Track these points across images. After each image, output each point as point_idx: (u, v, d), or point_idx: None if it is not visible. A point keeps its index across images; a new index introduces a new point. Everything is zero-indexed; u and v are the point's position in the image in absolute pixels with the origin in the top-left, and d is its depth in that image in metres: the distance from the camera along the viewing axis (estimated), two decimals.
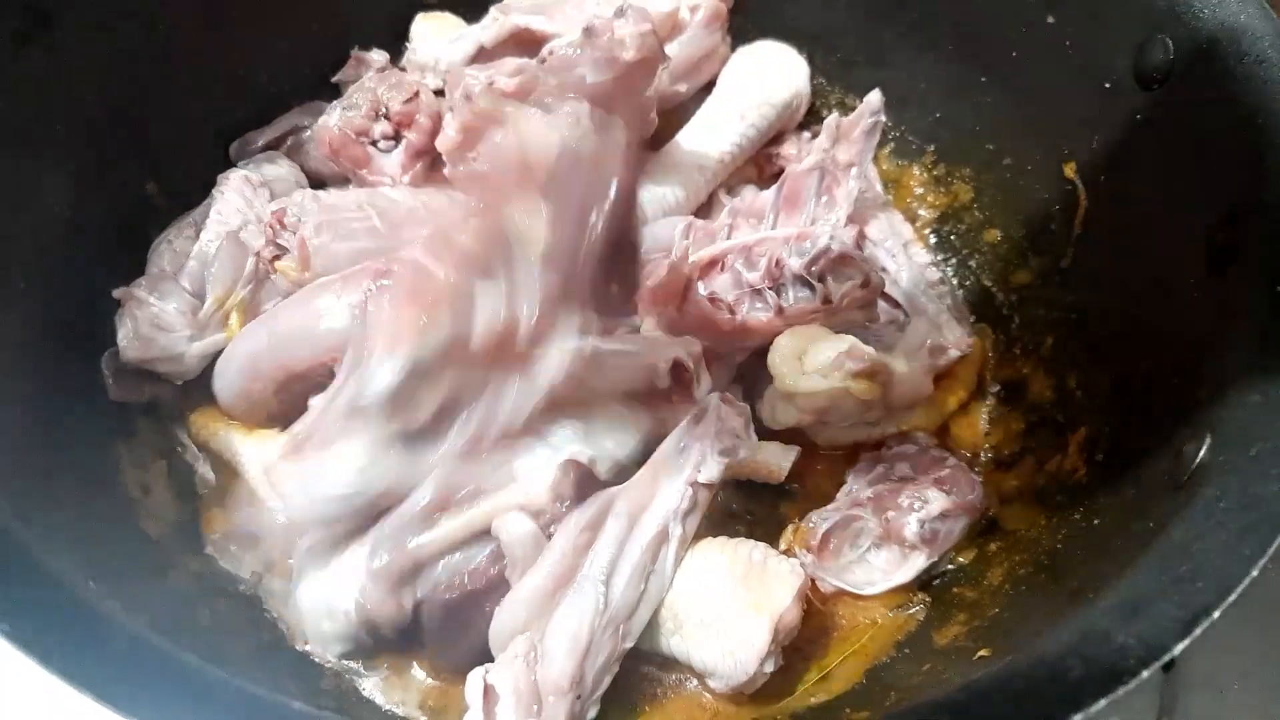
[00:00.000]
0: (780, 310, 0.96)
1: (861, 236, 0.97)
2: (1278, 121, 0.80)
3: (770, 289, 0.97)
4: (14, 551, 0.61)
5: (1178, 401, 0.81)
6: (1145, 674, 0.54)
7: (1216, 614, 0.56)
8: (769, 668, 0.84)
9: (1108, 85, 0.96)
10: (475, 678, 0.79)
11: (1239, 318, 0.75)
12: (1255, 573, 0.58)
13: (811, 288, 0.96)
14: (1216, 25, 0.85)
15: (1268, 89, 0.81)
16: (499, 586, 0.85)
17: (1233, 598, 0.57)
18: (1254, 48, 0.83)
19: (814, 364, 0.95)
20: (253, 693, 0.54)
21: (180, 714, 0.52)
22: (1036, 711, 0.52)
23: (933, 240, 1.20)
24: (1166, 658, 0.55)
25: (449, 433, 0.86)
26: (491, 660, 0.84)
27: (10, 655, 0.53)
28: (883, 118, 1.11)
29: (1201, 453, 0.69)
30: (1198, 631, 0.56)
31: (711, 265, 1.00)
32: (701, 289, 0.98)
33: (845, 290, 0.96)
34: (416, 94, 1.07)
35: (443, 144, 1.03)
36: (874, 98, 1.09)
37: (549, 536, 0.86)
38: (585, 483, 0.88)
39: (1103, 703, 0.53)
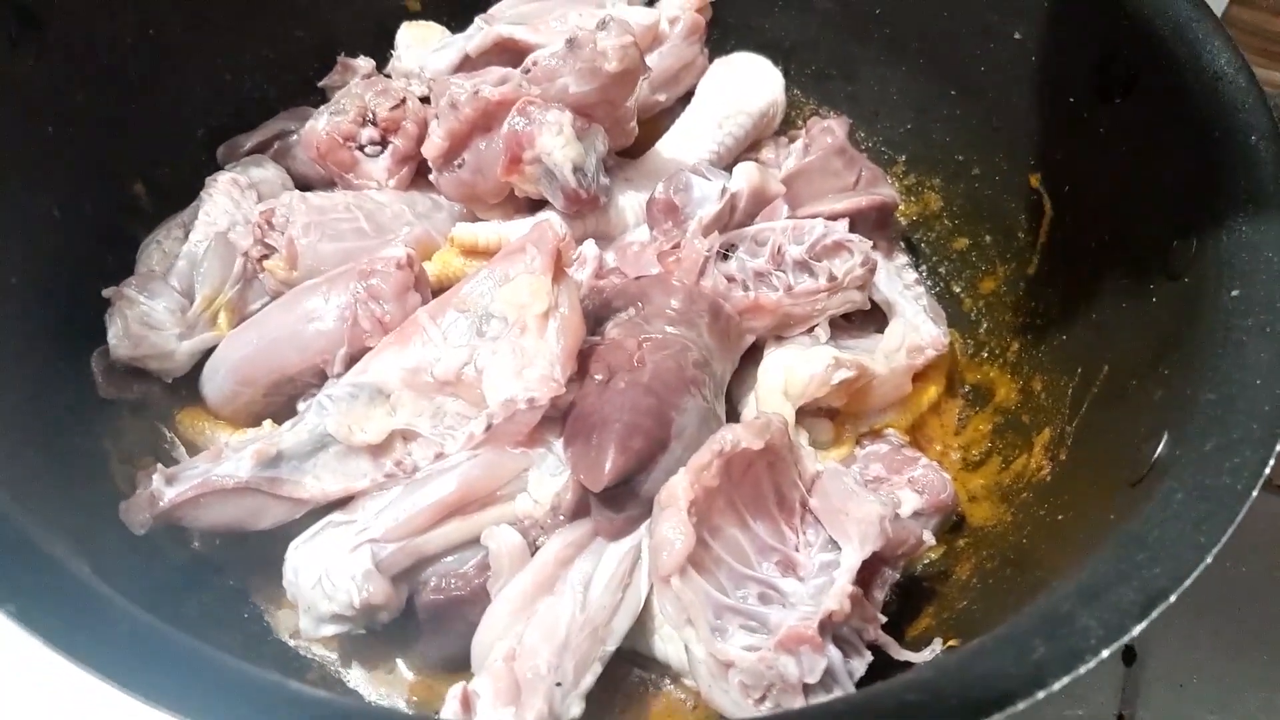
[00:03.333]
0: (789, 289, 0.99)
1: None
2: (1233, 135, 0.84)
3: (774, 273, 1.00)
4: (15, 536, 0.63)
5: (1136, 402, 0.84)
6: (1105, 653, 0.57)
7: (1173, 598, 0.60)
8: None
9: (1071, 99, 1.01)
10: (455, 689, 0.80)
11: (1195, 320, 0.78)
12: (1209, 560, 0.61)
13: (811, 272, 1.00)
14: (1175, 41, 0.89)
15: (1224, 105, 0.85)
16: (481, 597, 0.87)
17: (1188, 583, 0.60)
18: (1211, 62, 0.87)
19: (798, 389, 0.98)
20: (251, 671, 0.56)
21: (181, 692, 0.54)
22: (1001, 688, 0.55)
23: (904, 247, 1.23)
24: (1126, 638, 0.58)
25: None
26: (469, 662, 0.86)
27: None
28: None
29: (1159, 449, 0.73)
30: (1155, 614, 0.59)
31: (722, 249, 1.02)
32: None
33: (848, 269, 0.99)
34: (403, 100, 1.10)
35: (429, 150, 1.06)
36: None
37: (536, 548, 0.88)
38: (585, 503, 0.90)
39: (1065, 680, 0.56)
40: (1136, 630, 0.58)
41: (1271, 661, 1.12)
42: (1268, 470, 0.65)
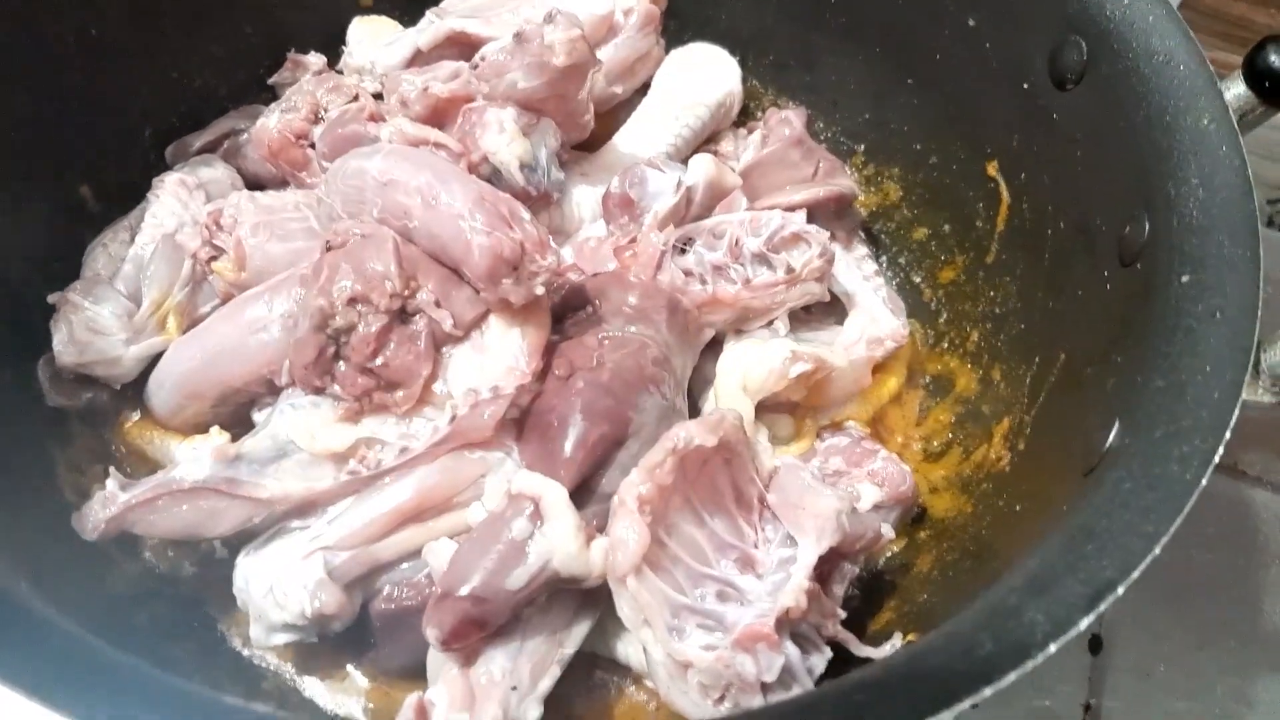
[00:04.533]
0: (747, 282, 0.99)
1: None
2: (1185, 120, 0.83)
3: (733, 266, 0.99)
4: None
5: (1091, 390, 0.84)
6: (1052, 648, 0.56)
7: (1120, 589, 0.59)
8: None
9: (1026, 85, 1.00)
10: (411, 699, 0.79)
11: (1146, 306, 0.78)
12: (1158, 550, 0.61)
13: (769, 265, 0.99)
14: (1127, 26, 0.89)
15: (1175, 88, 0.85)
16: None
17: (1136, 574, 0.60)
18: (1162, 46, 0.87)
19: (756, 383, 0.97)
20: (188, 689, 0.54)
21: (115, 710, 0.53)
22: (949, 686, 0.54)
23: (863, 238, 1.22)
24: (1073, 632, 0.57)
25: None
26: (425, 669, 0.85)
27: None
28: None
29: (1110, 438, 0.72)
30: (1102, 607, 0.58)
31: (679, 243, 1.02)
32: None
33: (806, 261, 0.99)
34: (356, 97, 1.08)
35: None
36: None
37: None
38: None
39: (1012, 676, 0.55)
40: (1084, 624, 0.58)
41: (1239, 649, 1.13)
42: (1217, 458, 0.65)
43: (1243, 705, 1.08)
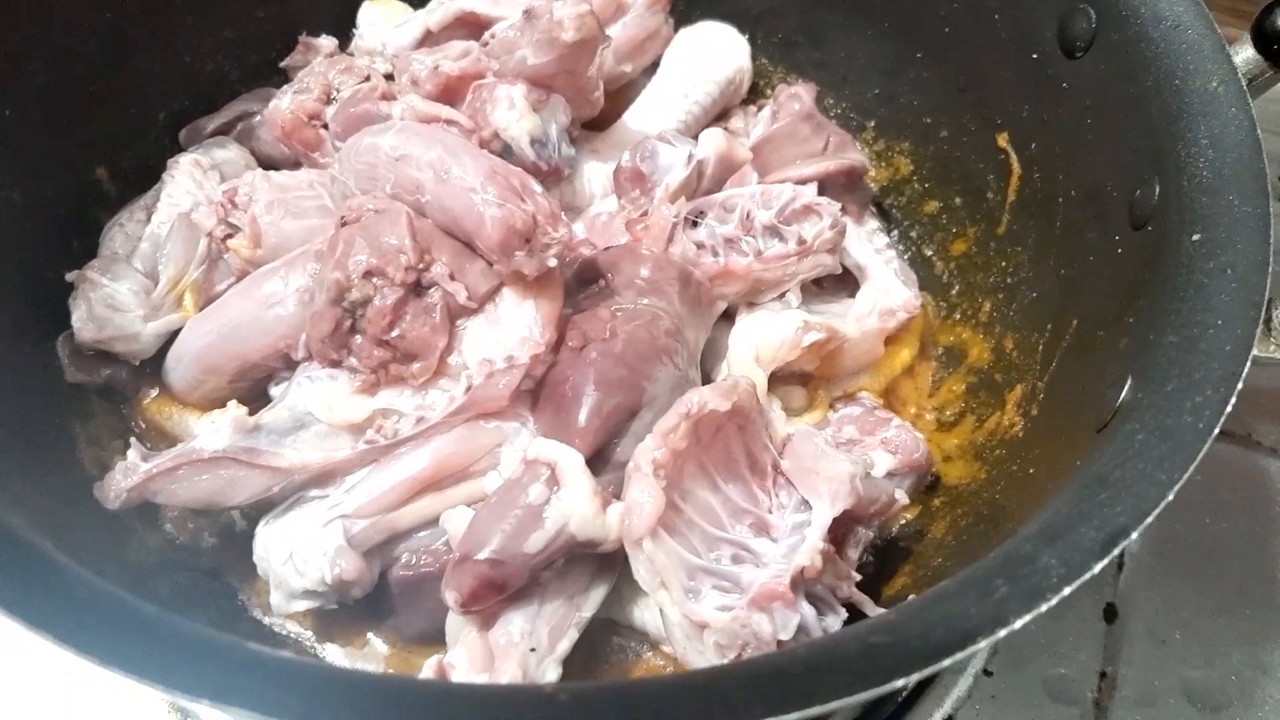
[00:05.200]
0: (759, 254, 1.00)
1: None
2: (1194, 83, 0.84)
3: (744, 238, 1.00)
4: None
5: (1103, 352, 0.84)
6: (1066, 591, 0.57)
7: (1134, 534, 0.59)
8: None
9: (1035, 55, 1.00)
10: (431, 661, 0.81)
11: (1158, 267, 0.78)
12: (1171, 496, 0.61)
13: (781, 237, 1.00)
14: None
15: (1184, 53, 0.85)
16: None
17: (1149, 519, 0.60)
18: (1170, 11, 0.87)
19: (769, 353, 0.98)
20: (218, 637, 0.55)
21: (149, 660, 0.53)
22: (963, 628, 0.55)
23: (874, 212, 1.22)
24: (1087, 575, 0.57)
25: None
26: (444, 635, 0.86)
27: None
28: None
29: (1123, 394, 0.73)
30: (1116, 551, 0.58)
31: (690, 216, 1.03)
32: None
33: (817, 232, 0.99)
34: (368, 78, 1.09)
35: None
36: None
37: None
38: None
39: (1026, 617, 0.56)
40: (1097, 567, 0.58)
41: (1253, 618, 1.13)
42: (1229, 408, 0.65)
43: (1257, 672, 1.08)
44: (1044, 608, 0.56)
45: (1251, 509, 1.20)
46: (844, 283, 1.12)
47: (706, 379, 1.01)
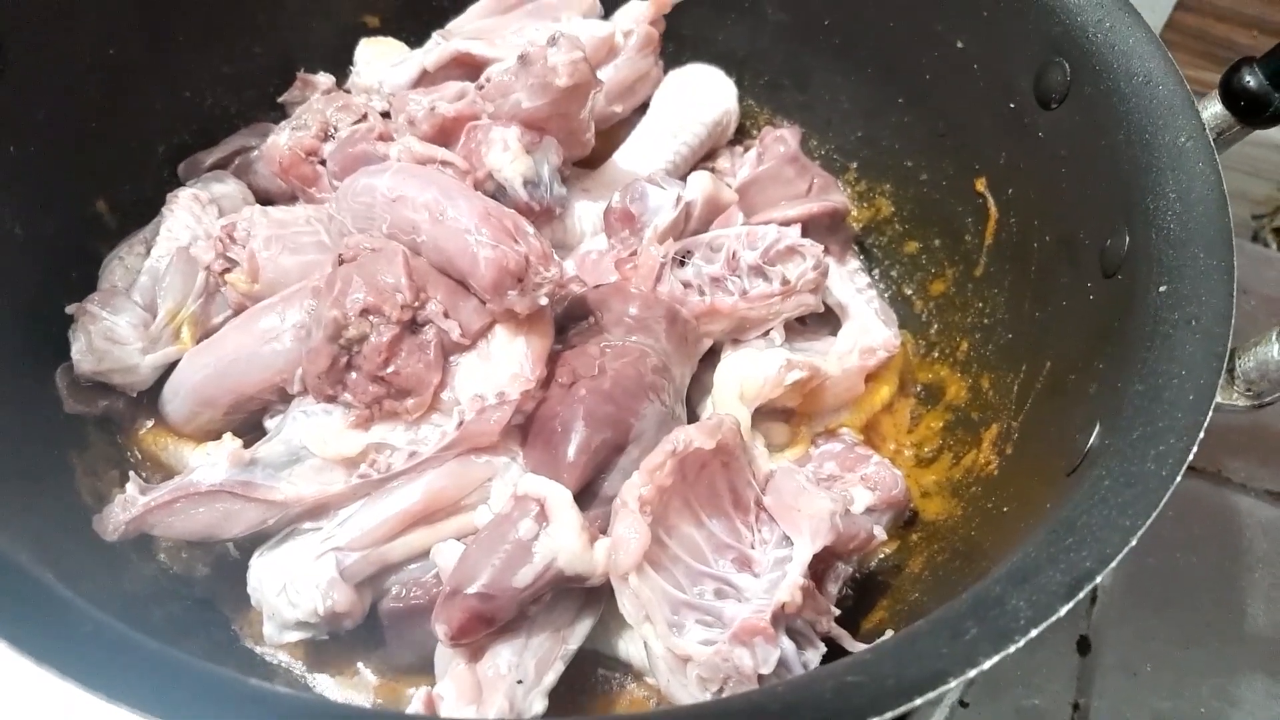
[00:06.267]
0: (744, 293, 1.02)
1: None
2: (1163, 137, 0.87)
3: (730, 278, 1.03)
4: None
5: (1074, 395, 0.87)
6: (1034, 633, 0.59)
7: (1099, 579, 0.62)
8: None
9: (1012, 105, 1.04)
10: (420, 693, 0.82)
11: (1126, 315, 0.81)
12: (1134, 542, 0.64)
13: (765, 277, 1.03)
14: (1108, 49, 0.93)
15: (1154, 107, 0.89)
16: None
17: (1113, 564, 0.63)
18: (1142, 67, 0.91)
19: (752, 391, 1.01)
20: (216, 671, 0.57)
21: (148, 692, 0.55)
22: (935, 667, 0.57)
23: (856, 251, 1.26)
24: (1053, 618, 0.60)
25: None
26: (432, 666, 0.88)
27: None
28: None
29: (1091, 439, 0.76)
30: (1081, 594, 0.61)
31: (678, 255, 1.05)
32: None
33: (801, 273, 1.02)
34: (365, 116, 1.11)
35: None
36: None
37: None
38: None
39: (995, 658, 0.58)
40: (1063, 610, 0.61)
41: (1223, 650, 1.15)
42: (1190, 456, 0.68)
43: (1227, 704, 1.11)
44: (1012, 649, 0.59)
45: (1221, 543, 1.24)
46: (826, 320, 1.14)
47: (692, 415, 1.04)
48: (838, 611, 0.86)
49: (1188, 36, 1.67)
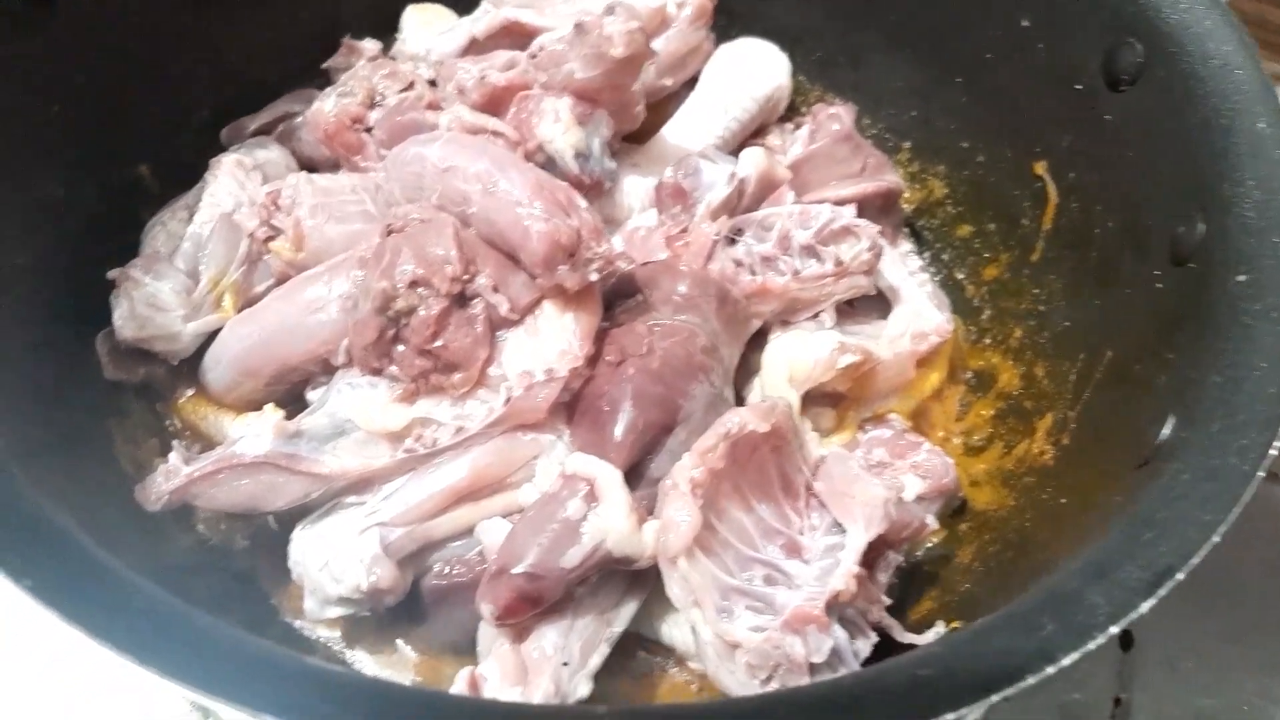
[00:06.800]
0: (796, 274, 1.00)
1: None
2: (1240, 122, 0.84)
3: (782, 257, 1.01)
4: (30, 512, 0.63)
5: (1140, 386, 0.85)
6: (1114, 629, 0.57)
7: (1180, 575, 0.60)
8: None
9: (1079, 86, 1.01)
10: (464, 673, 0.81)
11: (1201, 305, 0.79)
12: (1216, 538, 0.62)
13: (818, 257, 1.01)
14: (1184, 30, 0.90)
15: (1231, 92, 0.86)
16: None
17: (1195, 560, 0.61)
18: (1219, 50, 0.88)
19: (802, 374, 0.99)
20: (274, 650, 0.56)
21: (200, 667, 0.54)
22: (1011, 664, 0.56)
23: (907, 233, 1.23)
24: (1134, 614, 0.58)
25: None
26: (473, 645, 0.87)
27: None
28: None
29: (1164, 432, 0.74)
30: (1162, 591, 0.59)
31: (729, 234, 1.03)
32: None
33: (855, 254, 1.00)
34: (412, 84, 1.09)
35: None
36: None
37: None
38: None
39: (1075, 655, 0.56)
40: (1145, 607, 0.59)
41: (1266, 647, 1.13)
42: (1273, 451, 0.66)
43: (1270, 701, 1.09)
44: (1092, 645, 0.57)
45: (1267, 539, 1.21)
46: (876, 303, 1.12)
47: (736, 398, 1.02)
48: (888, 601, 0.85)
49: (1246, 23, 1.62)
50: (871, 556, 0.86)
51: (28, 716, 0.99)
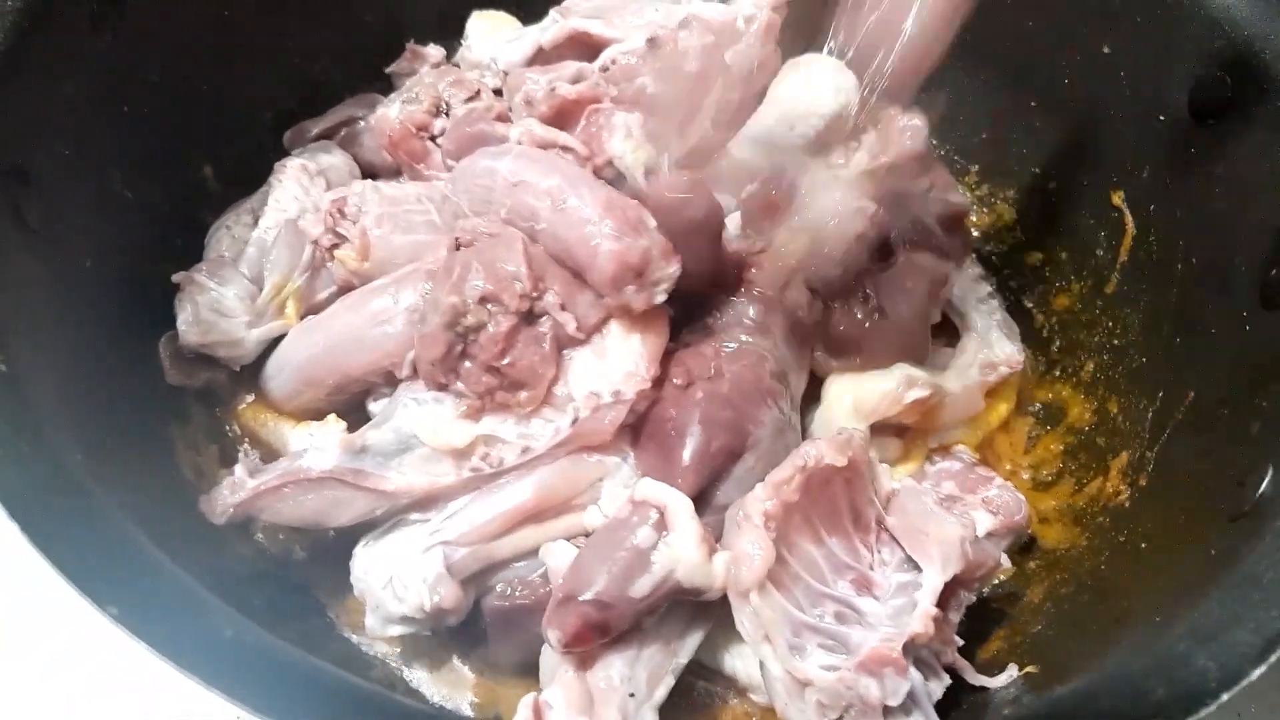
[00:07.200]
0: None
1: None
2: None
3: None
4: (115, 534, 0.62)
5: (1229, 432, 0.83)
6: (1225, 697, 0.55)
7: None
8: None
9: (1161, 117, 0.98)
10: (528, 699, 0.79)
11: None
12: None
13: None
14: (1276, 64, 0.87)
15: None
16: (547, 606, 0.85)
17: None
18: None
19: (869, 406, 0.97)
20: (359, 685, 0.55)
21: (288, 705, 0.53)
22: None
23: (976, 259, 1.21)
24: (1245, 682, 0.56)
25: None
26: (535, 667, 0.86)
27: None
28: None
29: (1263, 485, 0.71)
30: (1274, 657, 0.57)
31: None
32: None
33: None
34: (478, 92, 1.08)
35: None
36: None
37: None
38: None
39: None
40: (1255, 673, 0.57)
41: None
42: None
43: None
44: (1203, 713, 0.55)
45: None
46: (942, 329, 1.10)
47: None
48: (961, 642, 0.83)
49: None
50: (945, 596, 0.84)
51: (29, 716, 0.99)
